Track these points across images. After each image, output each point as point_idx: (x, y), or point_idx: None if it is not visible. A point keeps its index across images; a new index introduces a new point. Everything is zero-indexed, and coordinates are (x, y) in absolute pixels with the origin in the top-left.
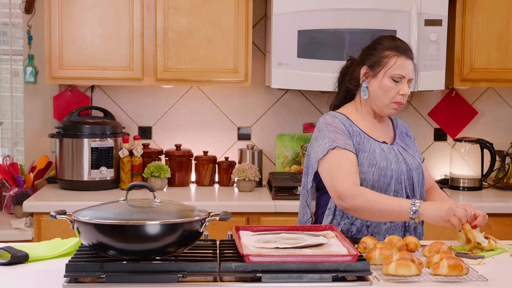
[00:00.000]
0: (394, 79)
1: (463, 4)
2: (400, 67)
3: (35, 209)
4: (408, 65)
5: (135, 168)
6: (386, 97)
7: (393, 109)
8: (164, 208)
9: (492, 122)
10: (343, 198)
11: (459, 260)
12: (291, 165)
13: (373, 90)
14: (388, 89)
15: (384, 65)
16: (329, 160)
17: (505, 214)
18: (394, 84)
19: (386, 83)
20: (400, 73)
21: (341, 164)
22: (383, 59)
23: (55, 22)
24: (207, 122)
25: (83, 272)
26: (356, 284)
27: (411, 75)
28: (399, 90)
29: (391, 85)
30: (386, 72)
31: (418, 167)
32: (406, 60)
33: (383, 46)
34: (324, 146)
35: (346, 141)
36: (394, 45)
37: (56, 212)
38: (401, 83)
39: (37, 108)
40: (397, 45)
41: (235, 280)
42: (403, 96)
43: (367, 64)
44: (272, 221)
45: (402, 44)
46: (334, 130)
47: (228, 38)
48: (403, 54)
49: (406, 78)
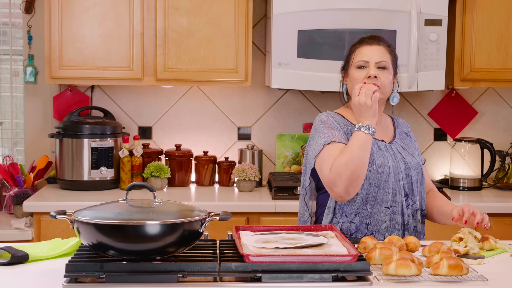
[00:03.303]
0: (358, 67)
1: (463, 4)
2: (361, 54)
3: (35, 209)
4: (372, 51)
5: (135, 168)
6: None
7: None
8: (164, 208)
9: (492, 122)
10: (334, 183)
11: (459, 260)
12: (291, 165)
13: (349, 87)
14: (355, 79)
15: (350, 60)
16: (322, 153)
17: (505, 214)
18: (360, 71)
19: (352, 74)
20: (362, 59)
21: (329, 154)
22: (349, 56)
23: (55, 22)
24: (207, 122)
25: (83, 272)
26: (356, 284)
27: (376, 58)
28: (366, 74)
29: (357, 73)
30: (352, 65)
31: (417, 166)
32: (368, 47)
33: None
34: (320, 142)
35: (342, 136)
36: (358, 41)
37: (56, 212)
38: (368, 68)
39: (37, 108)
40: (361, 39)
41: (235, 280)
42: (370, 79)
43: (342, 69)
44: (272, 221)
45: (368, 36)
46: (329, 126)
47: (228, 38)
48: (364, 44)
49: (371, 62)
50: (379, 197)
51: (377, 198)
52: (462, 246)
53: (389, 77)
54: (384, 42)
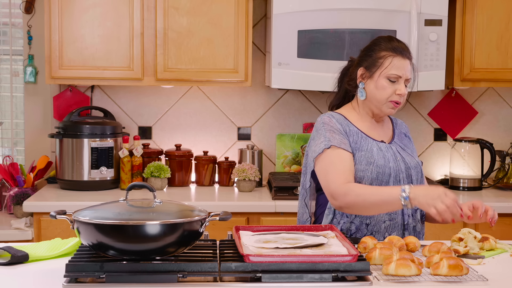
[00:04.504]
0: (390, 79)
1: (463, 4)
2: (396, 67)
3: (35, 209)
4: (404, 65)
5: (135, 168)
6: (382, 96)
7: (391, 108)
8: (164, 208)
9: (492, 122)
10: (335, 197)
11: (459, 260)
12: (291, 165)
13: (370, 90)
14: (384, 89)
15: (380, 66)
16: (324, 159)
17: (505, 214)
18: (390, 84)
19: (382, 83)
20: (396, 73)
21: (334, 163)
22: (378, 59)
23: (55, 22)
24: (207, 122)
25: (83, 272)
26: (356, 284)
27: (408, 75)
28: (396, 89)
29: (387, 85)
30: (382, 73)
31: (416, 166)
32: (402, 60)
33: (380, 47)
34: (320, 145)
35: (342, 140)
36: (390, 46)
37: (56, 212)
38: (397, 83)
39: (37, 108)
40: (393, 46)
41: (235, 280)
42: (399, 96)
43: (363, 65)
44: (272, 221)
45: (399, 45)
46: (330, 129)
47: (228, 38)
48: (399, 54)
49: (402, 78)
50: None
51: None
52: (462, 246)
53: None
54: (411, 56)
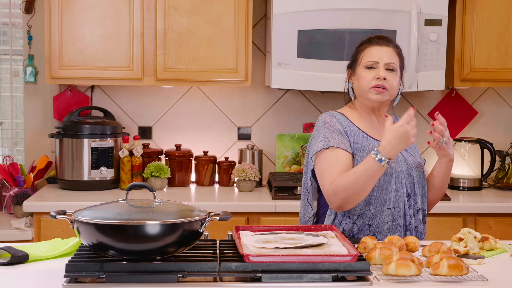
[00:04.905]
0: (367, 67)
1: (463, 4)
2: (371, 55)
3: (35, 209)
4: (380, 51)
5: (135, 168)
6: (364, 86)
7: (376, 95)
8: (164, 208)
9: (492, 122)
10: (329, 199)
11: (459, 260)
12: (291, 165)
13: (356, 86)
14: (363, 78)
15: (358, 59)
16: (321, 160)
17: (505, 214)
18: (368, 71)
19: (361, 73)
20: (372, 59)
21: (330, 163)
22: (357, 55)
23: (55, 22)
24: (207, 122)
25: (83, 272)
26: (356, 284)
27: (385, 59)
28: (375, 75)
29: (365, 74)
30: (360, 64)
31: (418, 166)
32: (377, 47)
33: (360, 45)
34: (319, 144)
35: (341, 140)
36: (367, 40)
37: (56, 212)
38: (377, 69)
39: (37, 108)
40: (370, 39)
41: (235, 280)
42: (379, 80)
43: (348, 67)
44: (272, 221)
45: (376, 37)
46: (330, 129)
47: (228, 38)
48: (374, 44)
49: (380, 62)
50: (382, 198)
51: (379, 199)
52: (462, 246)
53: (396, 79)
54: (392, 44)
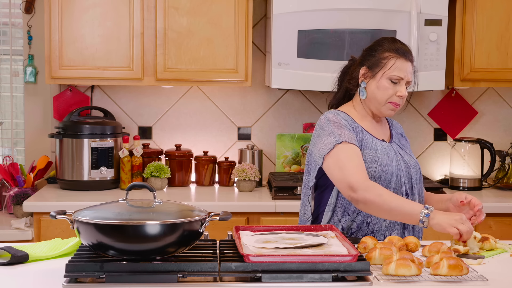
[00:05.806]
0: (392, 80)
1: (463, 4)
2: (399, 69)
3: (35, 209)
4: (407, 67)
5: (135, 168)
6: (383, 97)
7: (390, 110)
8: (164, 208)
9: (492, 122)
10: (355, 189)
11: (459, 260)
12: (291, 165)
13: (371, 90)
14: (385, 90)
15: (383, 67)
16: (337, 153)
17: (505, 214)
18: (391, 85)
19: (383, 84)
20: (398, 75)
21: (350, 157)
22: (382, 60)
23: (55, 22)
24: (207, 122)
25: (83, 272)
26: (356, 284)
27: (409, 77)
28: (397, 91)
29: (388, 86)
30: (385, 73)
31: (415, 165)
32: (405, 62)
33: (383, 47)
34: (330, 141)
35: (352, 135)
36: (394, 47)
37: (56, 212)
38: (399, 84)
39: (37, 108)
40: (397, 47)
41: (235, 280)
42: (400, 98)
43: (366, 65)
44: (272, 221)
45: (402, 47)
46: (338, 125)
47: (228, 38)
48: (402, 56)
49: (404, 80)
50: None
51: None
52: (462, 246)
53: None
54: (413, 58)
